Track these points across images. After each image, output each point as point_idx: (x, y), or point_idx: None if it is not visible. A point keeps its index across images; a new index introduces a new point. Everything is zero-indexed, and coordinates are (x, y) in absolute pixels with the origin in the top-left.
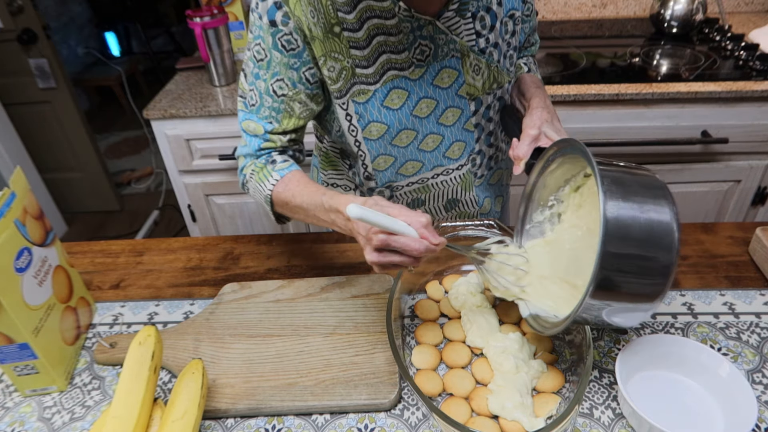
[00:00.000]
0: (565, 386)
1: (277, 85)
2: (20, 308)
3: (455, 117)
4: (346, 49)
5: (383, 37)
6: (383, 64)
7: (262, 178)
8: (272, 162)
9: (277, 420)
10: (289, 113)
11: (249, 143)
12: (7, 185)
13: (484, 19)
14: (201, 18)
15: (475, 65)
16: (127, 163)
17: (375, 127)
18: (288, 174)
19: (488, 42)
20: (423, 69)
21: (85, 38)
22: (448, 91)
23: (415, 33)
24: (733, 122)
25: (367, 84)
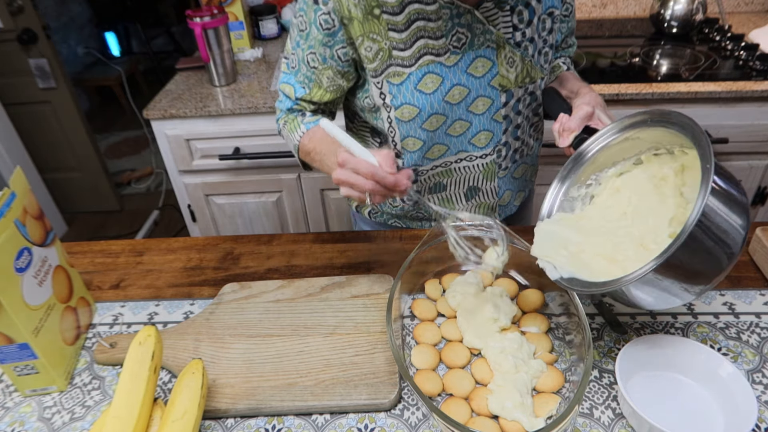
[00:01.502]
0: (565, 386)
1: (311, 57)
2: (20, 308)
3: (485, 106)
4: (385, 31)
5: (422, 22)
6: (420, 48)
7: (292, 128)
8: (302, 114)
9: (277, 420)
10: (318, 84)
11: (283, 102)
12: (7, 185)
13: (522, 13)
14: (201, 18)
15: (510, 58)
16: (127, 163)
17: (407, 109)
18: (314, 127)
19: (524, 36)
20: (458, 56)
21: (85, 38)
22: (480, 80)
23: (454, 20)
24: (733, 122)
25: (402, 66)
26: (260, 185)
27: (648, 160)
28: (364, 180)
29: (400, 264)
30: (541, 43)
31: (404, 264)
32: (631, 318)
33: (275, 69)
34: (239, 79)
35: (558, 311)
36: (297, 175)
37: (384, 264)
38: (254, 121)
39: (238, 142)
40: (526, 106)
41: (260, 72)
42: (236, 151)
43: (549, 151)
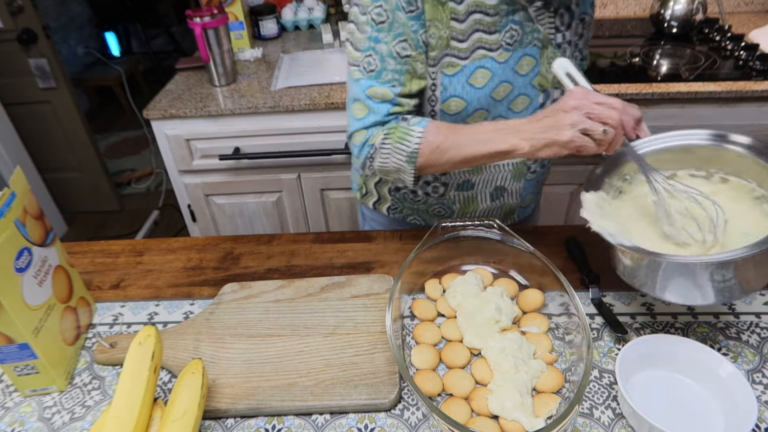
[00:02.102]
0: (565, 386)
1: (401, 46)
2: (20, 308)
3: (524, 105)
4: (447, 19)
5: (480, 15)
6: (475, 41)
7: (401, 136)
8: (404, 120)
9: (277, 420)
10: (411, 74)
11: (376, 110)
12: (7, 185)
13: (563, 15)
14: (201, 18)
15: (551, 58)
16: (127, 163)
17: (455, 102)
18: (429, 123)
19: (564, 38)
20: (509, 53)
21: (85, 38)
22: (524, 78)
23: (508, 17)
24: (733, 122)
25: (458, 58)
26: (260, 185)
27: None
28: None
29: (400, 264)
30: (573, 47)
31: (404, 264)
32: (631, 318)
33: (275, 69)
34: (239, 79)
35: (558, 311)
36: (297, 175)
37: (384, 264)
38: (254, 121)
39: (238, 142)
40: None
41: (260, 72)
42: (236, 151)
43: None
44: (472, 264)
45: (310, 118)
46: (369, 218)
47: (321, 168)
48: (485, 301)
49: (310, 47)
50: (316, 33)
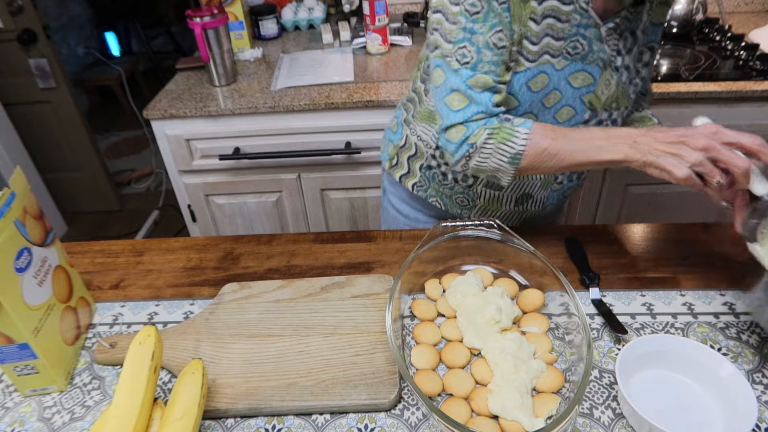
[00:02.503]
0: (565, 386)
1: (497, 36)
2: (20, 308)
3: (568, 116)
4: (526, 18)
5: (553, 20)
6: (544, 46)
7: (506, 136)
8: (507, 120)
9: (277, 420)
10: (506, 64)
11: (479, 100)
12: (7, 185)
13: (627, 39)
14: (201, 18)
15: (608, 80)
16: (127, 163)
17: (509, 101)
18: (534, 125)
19: (623, 62)
20: (567, 62)
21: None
22: (575, 91)
23: (579, 29)
24: (733, 122)
25: (525, 58)
26: (260, 185)
27: None
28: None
29: (400, 264)
30: (634, 73)
31: (404, 264)
32: (631, 318)
33: (275, 69)
34: (239, 79)
35: (558, 311)
36: (297, 175)
37: (384, 264)
38: (254, 121)
39: (238, 142)
40: None
41: (260, 72)
42: (236, 151)
43: None
44: (472, 264)
45: (310, 118)
46: (390, 192)
47: (321, 168)
48: (486, 302)
49: (310, 47)
50: (316, 33)
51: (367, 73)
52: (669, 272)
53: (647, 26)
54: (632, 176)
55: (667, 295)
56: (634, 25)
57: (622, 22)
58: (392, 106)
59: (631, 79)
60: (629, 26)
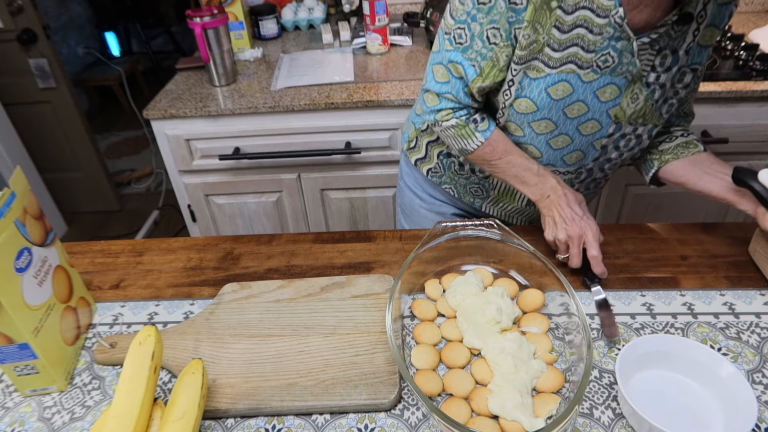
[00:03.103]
0: (565, 386)
1: (492, 32)
2: (20, 308)
3: (593, 130)
4: (550, 26)
5: (584, 30)
6: (570, 55)
7: (465, 134)
8: (474, 122)
9: (277, 420)
10: (493, 62)
11: (453, 84)
12: (7, 185)
13: (666, 57)
14: (201, 18)
15: (635, 94)
16: (127, 163)
17: (525, 103)
18: (493, 137)
19: (657, 79)
20: (597, 76)
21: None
22: (602, 105)
23: (611, 41)
24: (733, 122)
25: (546, 65)
26: (260, 185)
27: None
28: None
29: (400, 264)
30: (671, 93)
31: (404, 264)
32: (631, 318)
33: (275, 69)
34: (239, 79)
35: (558, 311)
36: (297, 175)
37: (384, 264)
38: (254, 121)
39: (238, 142)
40: (627, 147)
41: (260, 72)
42: (236, 151)
43: None
44: (472, 264)
45: (310, 118)
46: (406, 173)
47: (321, 168)
48: (486, 302)
49: (310, 47)
50: (316, 33)
51: (367, 73)
52: (669, 272)
53: (693, 47)
54: (632, 176)
55: (667, 295)
56: (677, 43)
57: (663, 38)
58: (392, 106)
59: (666, 98)
60: (671, 44)
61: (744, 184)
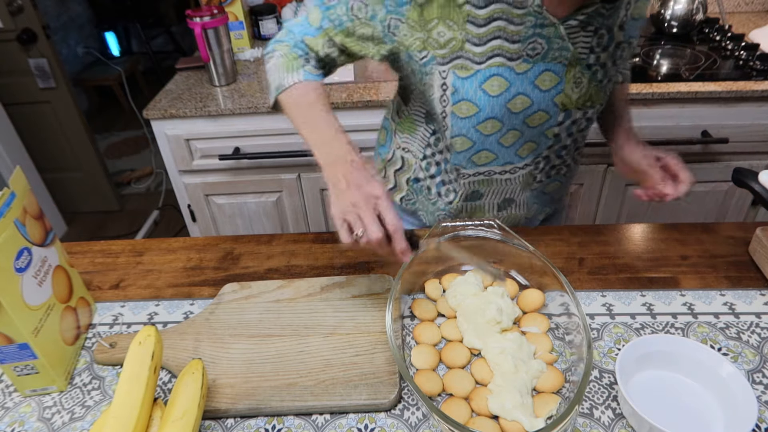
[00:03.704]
0: (565, 386)
1: (358, 5)
2: (20, 308)
3: (541, 121)
4: (463, 21)
5: (503, 22)
6: (494, 48)
7: (289, 67)
8: (306, 60)
9: (277, 420)
10: (347, 32)
11: (301, 26)
12: (7, 185)
13: (603, 37)
14: (201, 18)
15: (578, 78)
16: (127, 163)
17: (466, 106)
18: (313, 81)
19: (598, 60)
20: (529, 65)
21: (85, 38)
22: (545, 94)
23: (536, 29)
24: (733, 122)
25: (472, 61)
26: (260, 185)
27: None
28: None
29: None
30: (612, 71)
31: (404, 264)
32: (631, 318)
33: None
34: (239, 79)
35: (558, 311)
36: (297, 175)
37: (384, 264)
38: (254, 121)
39: (238, 142)
40: (579, 130)
41: (260, 72)
42: (236, 151)
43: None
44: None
45: None
46: None
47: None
48: (487, 302)
49: None
50: None
51: (366, 73)
52: (669, 272)
53: (627, 21)
54: None
55: (667, 295)
56: (611, 21)
57: (595, 18)
58: None
59: (609, 76)
60: (605, 23)
61: (744, 184)
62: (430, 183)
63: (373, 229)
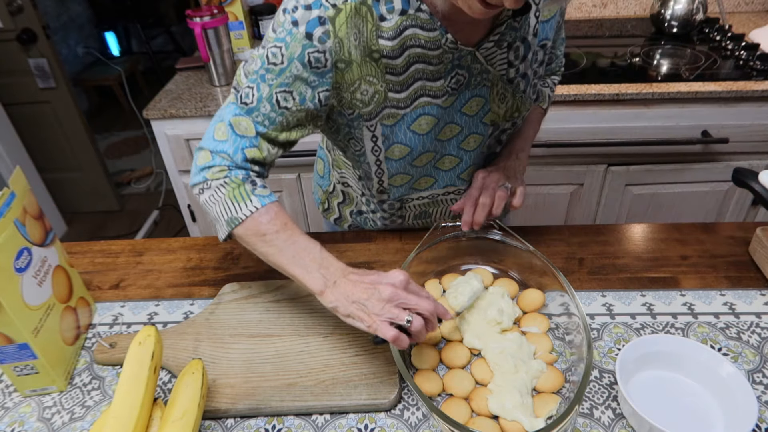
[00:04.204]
0: (565, 386)
1: (283, 96)
2: (20, 308)
3: (476, 143)
4: (382, 74)
5: (422, 65)
6: (417, 90)
7: (237, 196)
8: (252, 183)
9: (277, 420)
10: (283, 126)
11: (233, 142)
12: (7, 185)
13: (518, 49)
14: (201, 18)
15: (502, 94)
16: (127, 163)
17: (398, 149)
18: (270, 204)
19: (518, 72)
20: (455, 98)
21: (85, 38)
22: (473, 118)
23: (454, 63)
24: (733, 122)
25: (397, 108)
26: None
27: None
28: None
29: (400, 264)
30: (532, 76)
31: (404, 264)
32: (631, 318)
33: None
34: None
35: (558, 311)
36: (297, 175)
37: (384, 264)
38: None
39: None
40: (509, 133)
41: None
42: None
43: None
44: (472, 264)
45: None
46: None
47: None
48: (488, 303)
49: None
50: None
51: None
52: (669, 272)
53: (538, 27)
54: (632, 176)
55: (667, 295)
56: (524, 31)
57: (508, 33)
58: None
59: (531, 83)
60: (517, 35)
61: (744, 184)
62: (374, 217)
63: (424, 305)
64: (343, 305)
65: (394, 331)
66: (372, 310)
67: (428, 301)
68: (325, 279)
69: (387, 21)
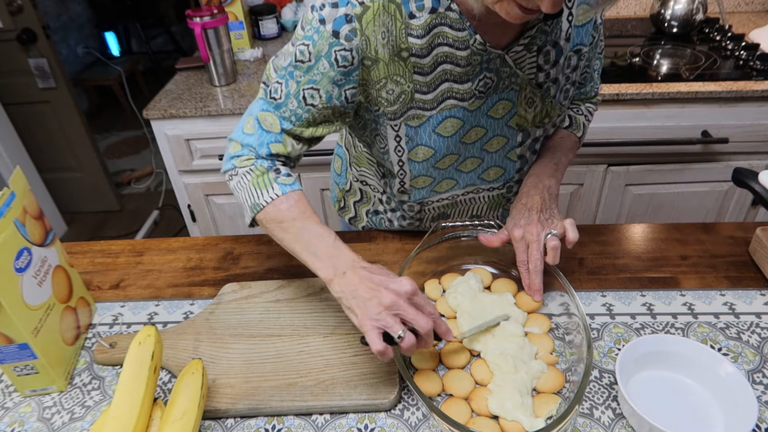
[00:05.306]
0: (565, 386)
1: (310, 93)
2: (20, 308)
3: (500, 145)
4: (410, 73)
5: (450, 66)
6: (444, 92)
7: (260, 184)
8: (276, 171)
9: (277, 420)
10: (309, 122)
11: (260, 136)
12: (7, 185)
13: (549, 53)
14: (201, 18)
15: (530, 98)
16: (127, 163)
17: (422, 151)
18: (291, 192)
19: (548, 77)
20: (482, 101)
21: (85, 38)
22: (499, 121)
23: (482, 65)
24: (733, 122)
25: (423, 109)
26: None
27: None
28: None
29: (400, 264)
30: (563, 81)
31: (404, 264)
32: (631, 318)
33: None
34: (239, 79)
35: (558, 311)
36: (297, 175)
37: (384, 264)
38: None
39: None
40: (540, 143)
41: (260, 72)
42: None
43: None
44: (472, 264)
45: None
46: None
47: (321, 168)
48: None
49: None
50: None
51: None
52: (669, 272)
53: (572, 31)
54: (632, 176)
55: (667, 295)
56: (555, 35)
57: (539, 37)
58: None
59: (562, 88)
60: (548, 39)
61: (744, 184)
62: (392, 216)
63: (423, 322)
64: (346, 297)
65: (380, 345)
66: (369, 311)
67: (427, 319)
68: (335, 268)
69: (416, 18)
